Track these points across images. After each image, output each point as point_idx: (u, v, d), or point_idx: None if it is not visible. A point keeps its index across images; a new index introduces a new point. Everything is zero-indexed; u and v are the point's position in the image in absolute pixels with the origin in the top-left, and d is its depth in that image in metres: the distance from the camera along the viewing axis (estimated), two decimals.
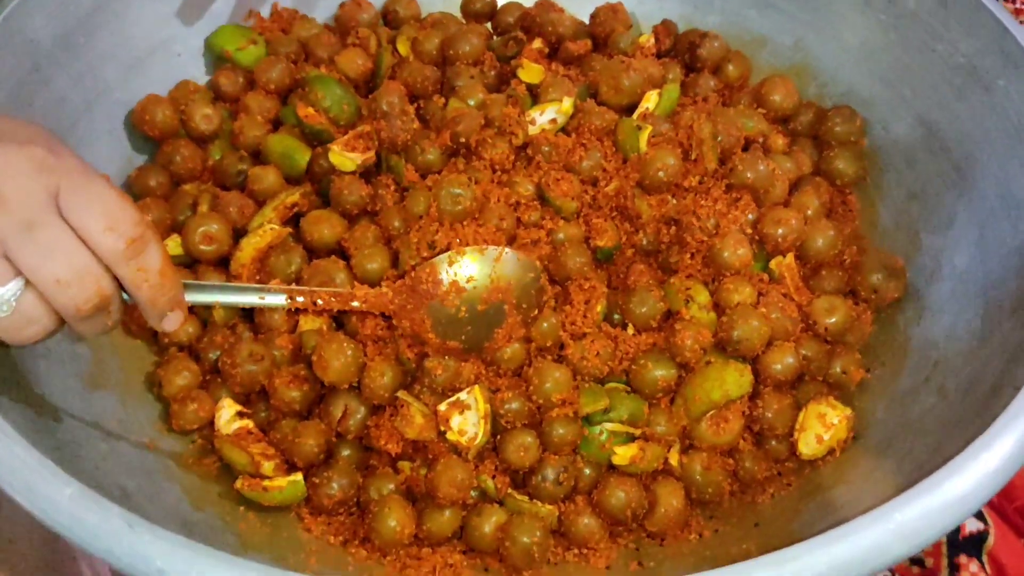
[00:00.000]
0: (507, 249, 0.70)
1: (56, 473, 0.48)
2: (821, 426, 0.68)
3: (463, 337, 0.68)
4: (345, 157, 0.76)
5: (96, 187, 0.51)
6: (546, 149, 0.76)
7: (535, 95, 0.82)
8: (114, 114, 0.81)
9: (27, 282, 0.50)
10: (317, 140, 0.80)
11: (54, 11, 0.73)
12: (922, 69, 0.79)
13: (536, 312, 0.69)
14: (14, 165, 0.49)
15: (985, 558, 0.73)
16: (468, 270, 0.69)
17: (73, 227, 0.50)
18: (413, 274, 0.69)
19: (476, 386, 0.67)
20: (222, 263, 0.76)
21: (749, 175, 0.74)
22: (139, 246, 0.52)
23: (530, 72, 0.83)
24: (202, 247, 0.75)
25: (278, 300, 0.67)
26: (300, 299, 0.68)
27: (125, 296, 0.55)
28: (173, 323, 0.58)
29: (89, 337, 0.55)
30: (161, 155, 0.81)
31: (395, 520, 0.64)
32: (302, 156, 0.79)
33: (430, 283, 0.69)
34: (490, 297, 0.69)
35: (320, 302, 0.68)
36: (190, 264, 0.77)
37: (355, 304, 0.69)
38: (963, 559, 0.73)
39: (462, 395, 0.66)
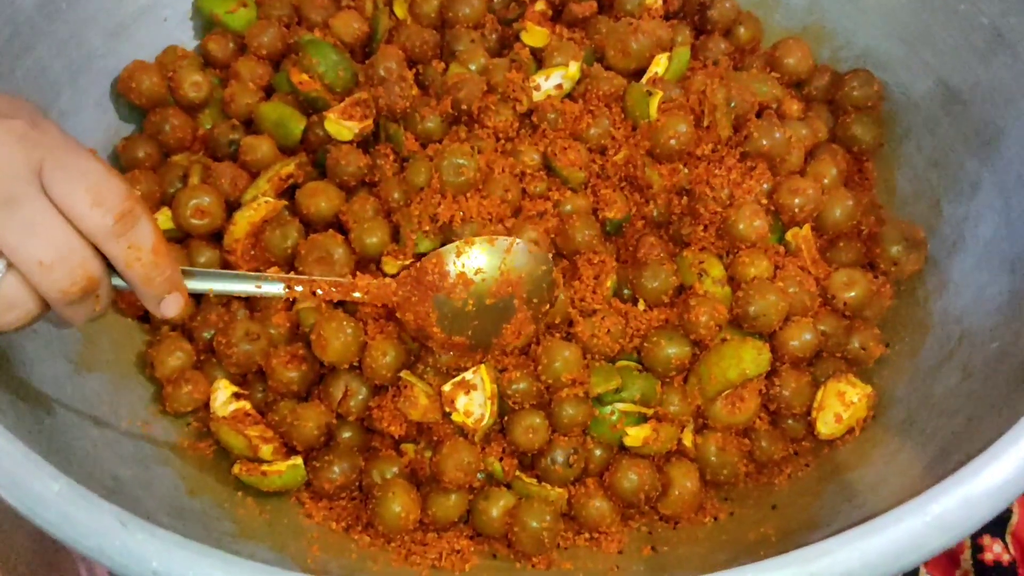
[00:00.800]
0: (518, 240, 0.67)
1: (43, 467, 0.46)
2: (840, 404, 0.66)
3: (470, 332, 0.66)
4: (342, 126, 0.74)
5: (81, 161, 0.49)
6: (552, 116, 0.74)
7: (539, 59, 0.79)
8: (99, 82, 0.78)
9: (8, 264, 0.48)
10: (312, 108, 0.78)
11: None
12: (944, 30, 0.77)
13: (547, 307, 0.67)
14: None
15: (1008, 538, 0.72)
16: (477, 261, 0.67)
17: (57, 204, 0.48)
18: (419, 265, 0.67)
19: (482, 366, 0.65)
20: (215, 238, 0.74)
21: (764, 143, 0.72)
22: (129, 222, 0.50)
23: (534, 35, 0.81)
24: (194, 221, 0.73)
25: (276, 289, 0.64)
26: (299, 288, 0.65)
27: (119, 281, 0.52)
28: (173, 307, 0.55)
29: (76, 323, 0.52)
30: (149, 125, 0.79)
31: (399, 505, 0.62)
32: (296, 125, 0.77)
33: (436, 275, 0.66)
34: (499, 291, 0.66)
35: (320, 292, 0.65)
36: (181, 239, 0.75)
37: (356, 295, 0.66)
38: (986, 539, 0.72)
39: (468, 375, 0.65)
